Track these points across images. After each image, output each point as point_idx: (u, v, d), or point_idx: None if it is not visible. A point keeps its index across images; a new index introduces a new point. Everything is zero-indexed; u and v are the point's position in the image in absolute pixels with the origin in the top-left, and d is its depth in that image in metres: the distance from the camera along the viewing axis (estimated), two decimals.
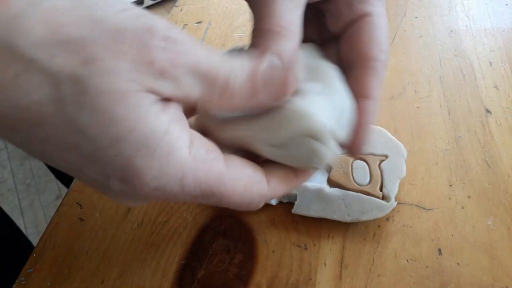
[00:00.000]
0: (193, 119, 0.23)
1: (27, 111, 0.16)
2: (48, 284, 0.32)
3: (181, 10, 0.56)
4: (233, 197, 0.20)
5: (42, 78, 0.15)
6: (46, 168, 0.83)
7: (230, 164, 0.20)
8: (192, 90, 0.18)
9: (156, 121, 0.17)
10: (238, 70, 0.19)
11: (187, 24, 0.53)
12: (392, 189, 0.33)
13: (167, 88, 0.17)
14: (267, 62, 0.19)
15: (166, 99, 0.17)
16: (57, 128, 0.16)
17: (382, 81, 0.24)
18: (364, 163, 0.34)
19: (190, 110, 0.20)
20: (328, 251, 0.32)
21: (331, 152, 0.21)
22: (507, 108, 0.39)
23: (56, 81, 0.15)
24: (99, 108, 0.16)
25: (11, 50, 0.15)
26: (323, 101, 0.21)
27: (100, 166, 0.17)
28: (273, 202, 0.34)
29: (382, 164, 0.34)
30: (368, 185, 0.33)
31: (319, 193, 0.33)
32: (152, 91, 0.17)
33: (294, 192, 0.34)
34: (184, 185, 0.18)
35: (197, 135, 0.19)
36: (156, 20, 0.17)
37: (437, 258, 0.31)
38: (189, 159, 0.18)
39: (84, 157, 0.17)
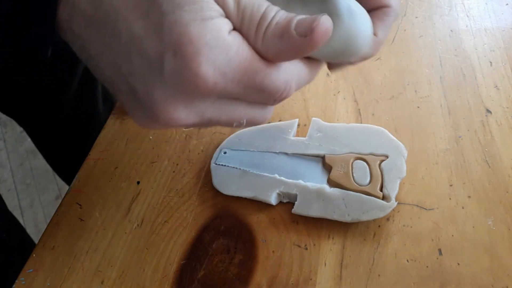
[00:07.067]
0: None
1: None
2: (48, 284, 0.32)
3: None
4: (273, 75, 0.22)
5: None
6: (46, 168, 0.83)
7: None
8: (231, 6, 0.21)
9: (209, 2, 0.20)
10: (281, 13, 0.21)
11: None
12: (392, 189, 0.33)
13: None
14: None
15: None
16: None
17: None
18: (364, 163, 0.34)
19: None
20: (328, 251, 0.32)
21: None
22: (507, 108, 0.39)
23: None
24: None
25: None
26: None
27: (161, 34, 0.20)
28: (273, 202, 0.34)
29: (382, 164, 0.34)
30: (368, 185, 0.33)
31: (319, 193, 0.33)
32: None
33: (294, 192, 0.34)
34: (231, 58, 0.21)
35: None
36: None
37: (437, 258, 0.31)
38: (233, 40, 0.21)
39: (151, 24, 0.20)
